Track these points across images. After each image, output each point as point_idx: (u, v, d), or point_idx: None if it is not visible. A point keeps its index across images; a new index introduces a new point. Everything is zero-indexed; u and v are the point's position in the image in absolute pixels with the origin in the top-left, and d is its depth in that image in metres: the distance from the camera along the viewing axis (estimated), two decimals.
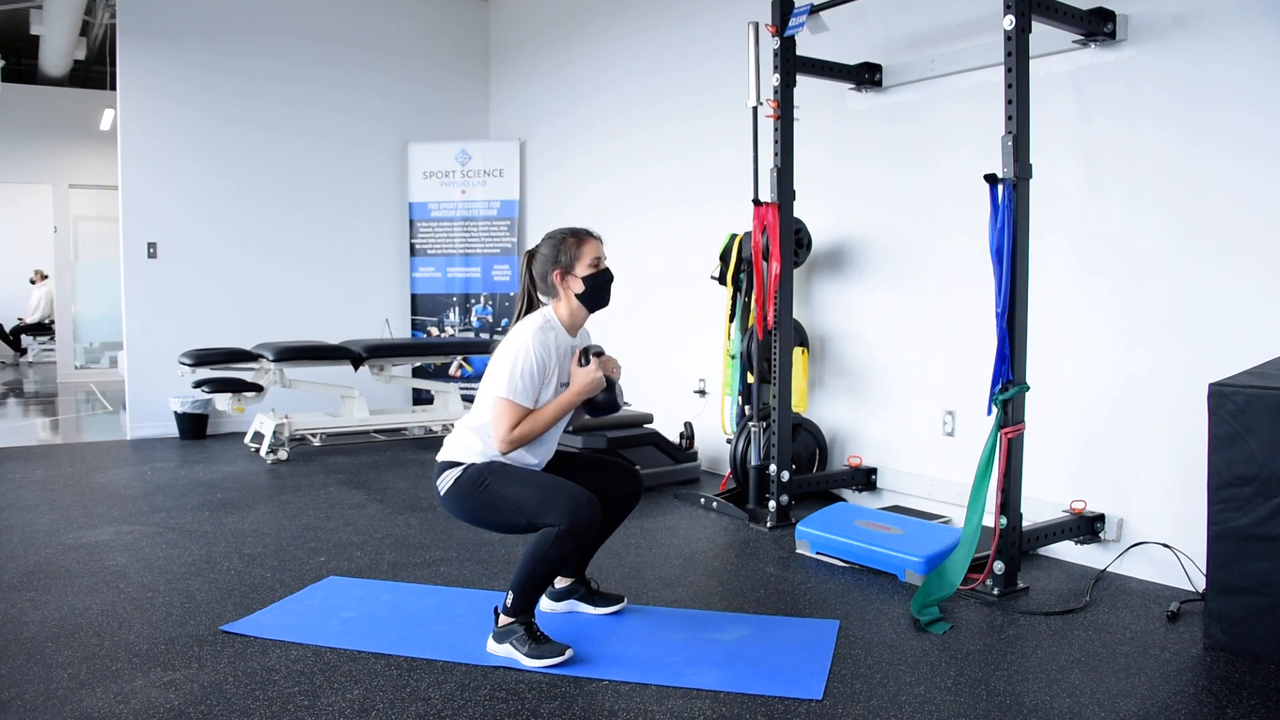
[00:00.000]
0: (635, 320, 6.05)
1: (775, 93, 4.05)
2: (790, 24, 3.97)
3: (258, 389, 5.71)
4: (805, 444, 4.57)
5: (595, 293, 2.79)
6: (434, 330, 7.39)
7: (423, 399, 7.21)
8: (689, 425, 5.27)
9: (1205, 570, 2.81)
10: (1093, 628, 2.91)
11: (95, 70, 10.05)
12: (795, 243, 4.36)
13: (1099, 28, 3.42)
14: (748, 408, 4.59)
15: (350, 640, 2.79)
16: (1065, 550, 3.59)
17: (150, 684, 2.48)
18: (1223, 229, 3.21)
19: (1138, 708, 2.36)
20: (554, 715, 2.31)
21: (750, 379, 4.52)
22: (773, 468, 4.11)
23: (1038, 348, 3.40)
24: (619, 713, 2.33)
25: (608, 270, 2.80)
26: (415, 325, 7.41)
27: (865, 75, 4.32)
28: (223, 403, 5.70)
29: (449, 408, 6.40)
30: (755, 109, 4.29)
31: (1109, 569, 3.42)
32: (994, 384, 3.14)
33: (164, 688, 2.46)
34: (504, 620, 2.67)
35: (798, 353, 4.36)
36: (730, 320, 4.69)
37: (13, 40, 9.58)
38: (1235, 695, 2.42)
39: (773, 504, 4.10)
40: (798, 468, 4.47)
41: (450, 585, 3.33)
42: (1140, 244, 3.43)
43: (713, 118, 5.38)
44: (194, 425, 6.51)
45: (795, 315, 4.35)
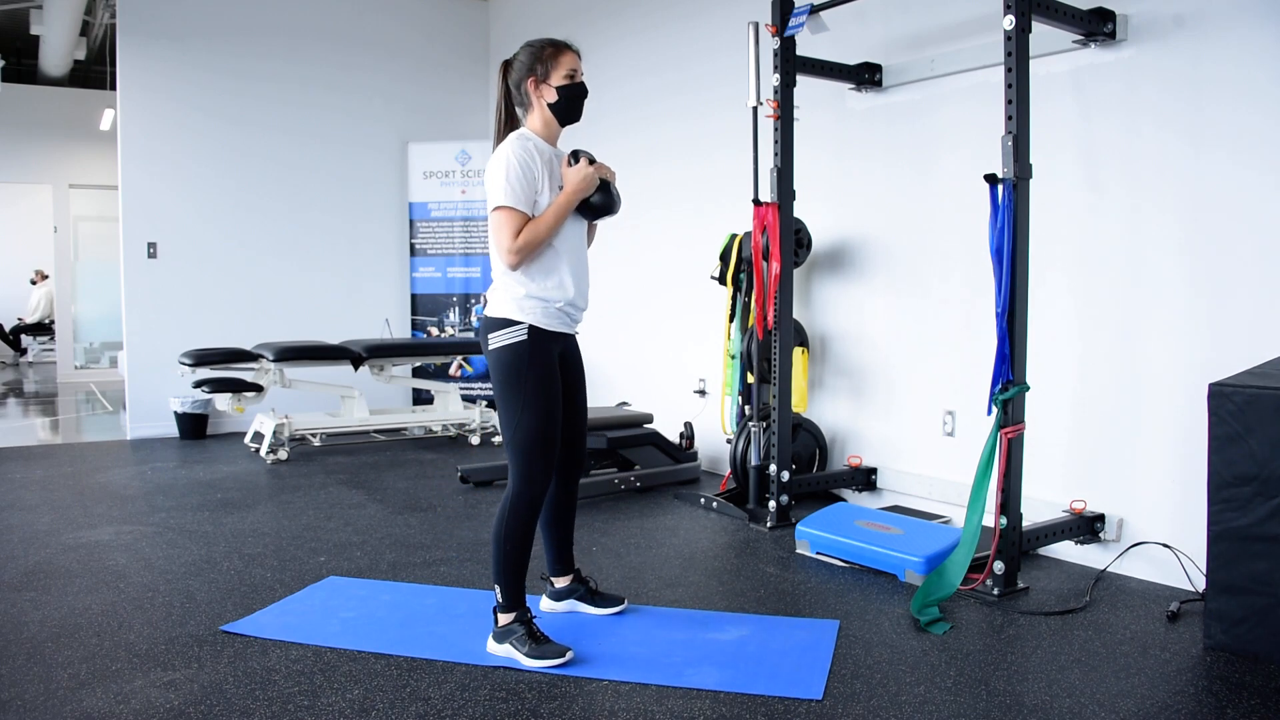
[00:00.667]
0: (635, 320, 6.05)
1: (775, 93, 4.05)
2: (790, 24, 3.97)
3: (258, 389, 5.71)
4: (805, 444, 4.57)
5: (569, 105, 2.75)
6: (434, 330, 7.39)
7: (423, 399, 7.20)
8: (689, 425, 5.27)
9: (1205, 570, 2.81)
10: (1093, 628, 2.91)
11: (95, 70, 10.05)
12: (795, 243, 4.36)
13: (1099, 28, 3.42)
14: (748, 408, 4.58)
15: (350, 640, 2.79)
16: (1065, 550, 3.59)
17: (150, 684, 2.48)
18: (1223, 229, 3.20)
19: (1138, 708, 2.35)
20: (554, 715, 2.31)
21: (750, 379, 4.52)
22: (773, 468, 4.11)
23: (1038, 348, 3.40)
24: (619, 713, 2.33)
25: (583, 84, 2.78)
26: (415, 325, 7.41)
27: (865, 75, 4.32)
28: (223, 403, 5.70)
29: (449, 408, 6.38)
30: (755, 109, 4.29)
31: (1109, 569, 3.41)
32: (994, 384, 3.14)
33: (164, 688, 2.46)
34: (503, 620, 2.67)
35: (798, 353, 4.36)
36: (730, 320, 4.68)
37: (13, 40, 9.58)
38: (1235, 695, 2.42)
39: (773, 504, 4.10)
40: (798, 468, 4.47)
41: (450, 585, 3.34)
42: (1140, 243, 3.43)
43: (713, 118, 5.38)
44: (194, 425, 6.51)
45: (795, 315, 4.35)
